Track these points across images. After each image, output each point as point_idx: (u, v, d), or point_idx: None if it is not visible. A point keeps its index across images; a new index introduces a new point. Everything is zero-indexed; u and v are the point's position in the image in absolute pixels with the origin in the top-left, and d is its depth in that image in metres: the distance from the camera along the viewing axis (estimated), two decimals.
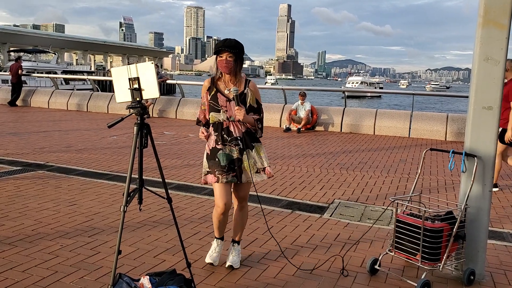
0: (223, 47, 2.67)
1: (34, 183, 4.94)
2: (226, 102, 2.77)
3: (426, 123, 9.70)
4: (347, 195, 4.90)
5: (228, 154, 2.77)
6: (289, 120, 10.18)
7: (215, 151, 2.79)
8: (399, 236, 2.89)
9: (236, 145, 2.77)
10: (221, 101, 2.78)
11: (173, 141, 8.06)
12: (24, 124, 9.69)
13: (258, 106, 2.83)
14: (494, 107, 2.83)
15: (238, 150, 2.77)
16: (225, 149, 2.78)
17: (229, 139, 2.77)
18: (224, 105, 2.77)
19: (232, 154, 2.78)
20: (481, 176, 2.88)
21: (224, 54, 2.69)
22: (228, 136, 2.77)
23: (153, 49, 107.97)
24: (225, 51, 2.68)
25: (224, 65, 2.70)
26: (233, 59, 2.71)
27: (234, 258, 2.98)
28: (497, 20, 2.75)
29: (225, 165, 2.77)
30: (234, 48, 2.68)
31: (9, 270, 2.80)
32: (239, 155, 2.78)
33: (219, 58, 2.72)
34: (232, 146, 2.77)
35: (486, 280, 2.93)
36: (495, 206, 4.59)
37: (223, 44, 2.69)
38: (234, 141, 2.77)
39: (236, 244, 3.03)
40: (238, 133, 2.77)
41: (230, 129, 2.77)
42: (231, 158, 2.78)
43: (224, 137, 2.77)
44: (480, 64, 2.83)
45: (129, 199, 2.33)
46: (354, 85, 61.11)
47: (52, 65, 35.94)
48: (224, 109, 2.77)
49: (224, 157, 2.77)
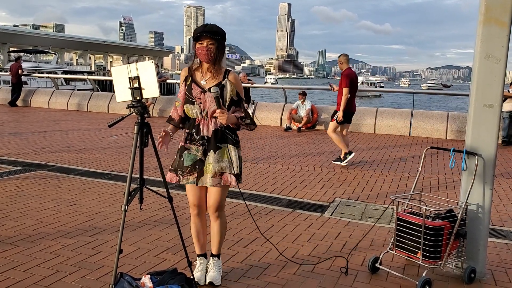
0: (203, 33, 2.40)
1: (35, 183, 4.94)
2: (200, 94, 2.49)
3: (426, 122, 9.69)
4: (348, 194, 4.90)
5: (193, 154, 2.55)
6: (290, 119, 10.18)
7: (182, 150, 2.59)
8: (400, 235, 2.89)
9: (201, 145, 2.53)
10: (195, 92, 2.50)
11: (174, 141, 8.05)
12: (25, 124, 9.70)
13: (238, 98, 2.55)
14: (495, 105, 2.83)
15: (202, 150, 2.52)
16: (191, 149, 2.56)
17: (197, 137, 2.54)
18: (198, 96, 2.50)
19: (197, 153, 2.54)
20: (482, 174, 2.88)
21: (205, 41, 2.42)
22: (196, 134, 2.54)
23: (153, 49, 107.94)
24: (206, 37, 2.41)
25: (204, 53, 2.43)
26: (214, 47, 2.43)
27: (214, 274, 2.67)
28: (498, 17, 2.74)
29: (187, 166, 2.54)
30: (215, 34, 2.42)
31: (11, 270, 2.80)
32: (203, 156, 2.53)
33: (199, 44, 2.43)
34: (198, 145, 2.53)
35: (487, 278, 2.93)
36: (495, 204, 4.58)
37: (204, 29, 2.42)
38: (200, 141, 2.53)
39: (216, 258, 2.72)
40: (206, 132, 2.52)
41: (200, 126, 2.53)
42: (195, 159, 2.54)
43: (193, 135, 2.55)
44: (481, 62, 2.82)
45: (129, 198, 2.33)
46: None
47: (52, 65, 35.96)
48: (198, 101, 2.50)
49: (188, 157, 2.55)
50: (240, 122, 2.54)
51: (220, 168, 2.52)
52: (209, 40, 2.42)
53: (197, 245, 2.75)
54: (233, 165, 2.53)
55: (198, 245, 2.74)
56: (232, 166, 2.53)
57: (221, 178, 2.53)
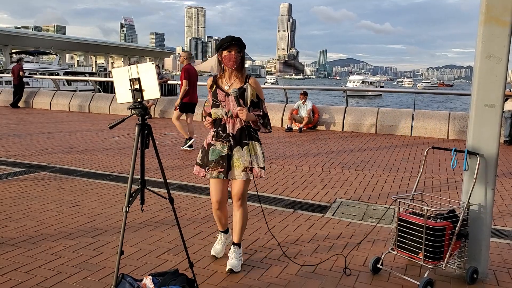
0: (232, 42, 2.73)
1: (37, 184, 4.95)
2: (225, 97, 2.81)
3: (428, 122, 9.67)
4: (349, 194, 4.89)
5: (218, 150, 2.82)
6: (291, 120, 10.18)
7: (209, 146, 2.87)
8: (402, 235, 2.89)
9: (227, 141, 2.80)
10: (220, 96, 2.82)
11: (175, 142, 8.07)
12: (26, 126, 9.72)
13: (258, 100, 2.85)
14: (497, 105, 2.82)
15: (228, 146, 2.80)
16: (217, 145, 2.83)
17: (223, 135, 2.82)
18: (223, 100, 2.81)
19: (223, 150, 2.81)
20: (483, 174, 2.87)
21: (233, 49, 2.75)
22: (223, 132, 2.82)
23: (154, 50, 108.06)
24: (235, 46, 2.74)
25: (233, 60, 2.75)
26: (240, 55, 2.78)
27: (234, 262, 2.90)
28: (499, 17, 2.74)
29: (212, 161, 2.82)
30: (241, 44, 2.77)
31: (13, 271, 2.81)
32: (229, 151, 2.80)
33: (227, 53, 2.76)
34: (224, 142, 2.81)
35: (489, 278, 2.92)
36: (498, 204, 4.57)
37: (232, 39, 2.75)
38: (226, 137, 2.81)
39: (237, 247, 2.96)
40: (232, 130, 2.81)
41: (226, 125, 2.82)
42: (221, 154, 2.81)
43: (219, 133, 2.83)
44: (482, 61, 2.82)
45: (131, 199, 2.33)
46: (356, 84, 60.95)
47: (54, 66, 36.05)
48: (223, 104, 2.81)
49: (213, 152, 2.83)
50: (257, 119, 2.82)
51: (249, 163, 2.81)
52: (237, 48, 2.76)
53: (219, 225, 3.08)
54: (259, 159, 2.84)
55: (220, 224, 3.07)
56: (258, 160, 2.84)
57: (251, 172, 2.82)
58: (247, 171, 2.81)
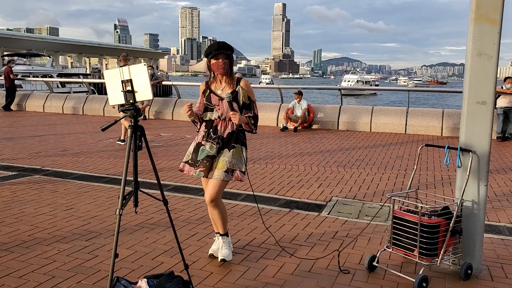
0: (218, 50, 2.80)
1: (30, 188, 4.91)
2: (218, 101, 2.90)
3: (422, 119, 9.72)
4: (345, 193, 4.91)
5: (207, 150, 2.90)
6: (286, 119, 10.18)
7: (199, 145, 2.94)
8: (397, 233, 2.90)
9: (217, 143, 2.89)
10: (214, 100, 2.91)
11: (170, 143, 8.05)
12: (19, 129, 9.64)
13: (250, 102, 2.93)
14: (488, 102, 2.84)
15: (217, 148, 2.89)
16: (206, 146, 2.91)
17: (214, 136, 2.90)
18: (216, 103, 2.90)
19: (211, 151, 2.89)
20: (476, 171, 2.89)
21: (220, 57, 2.83)
22: (214, 134, 2.90)
23: (148, 51, 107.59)
24: (221, 53, 2.82)
25: (221, 67, 2.84)
26: (228, 61, 2.86)
27: (225, 251, 3.03)
28: (488, 15, 2.75)
29: (199, 160, 2.90)
30: (228, 50, 2.84)
31: (6, 276, 2.78)
32: (216, 153, 2.89)
33: (214, 60, 2.84)
34: (213, 143, 2.89)
35: (484, 273, 2.94)
36: (491, 200, 4.61)
37: (218, 47, 2.81)
38: (216, 139, 2.89)
39: (225, 236, 3.07)
40: (222, 132, 2.89)
41: (217, 127, 2.90)
42: (208, 154, 2.89)
43: (210, 134, 2.91)
44: (473, 59, 2.84)
45: (124, 202, 2.32)
46: (350, 83, 61.09)
47: (47, 68, 35.77)
48: (217, 107, 2.90)
49: (202, 152, 2.91)
50: (248, 121, 2.89)
51: (233, 165, 2.88)
52: (223, 55, 2.84)
53: (214, 226, 3.13)
54: (242, 163, 2.92)
55: (215, 226, 3.11)
56: (241, 164, 2.91)
57: (233, 174, 2.88)
58: (228, 172, 2.87)
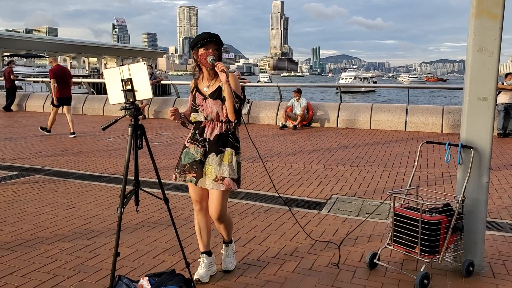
0: (210, 38, 2.51)
1: (32, 187, 4.91)
2: (202, 101, 2.61)
3: (422, 116, 9.72)
4: (345, 190, 4.91)
5: (191, 153, 2.62)
6: (285, 117, 10.18)
7: (183, 148, 2.68)
8: (398, 230, 2.90)
9: (202, 147, 2.60)
10: (198, 100, 2.63)
11: (170, 142, 8.04)
12: (20, 129, 9.64)
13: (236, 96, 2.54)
14: (489, 98, 2.84)
15: (203, 151, 2.59)
16: (191, 148, 2.63)
17: (200, 139, 2.61)
18: (200, 104, 2.62)
19: (196, 154, 2.60)
20: (477, 168, 2.89)
21: (211, 47, 2.53)
22: (200, 136, 2.62)
23: (147, 50, 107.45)
24: (212, 42, 2.52)
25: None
26: (218, 52, 2.55)
27: (228, 260, 2.87)
28: (490, 10, 2.75)
29: (185, 164, 2.62)
30: (219, 41, 2.56)
31: (9, 275, 2.79)
32: (203, 157, 2.59)
33: (204, 50, 2.51)
34: (199, 146, 2.60)
35: (485, 270, 2.94)
36: (492, 197, 4.61)
37: (210, 35, 2.52)
38: (202, 142, 2.60)
39: (229, 243, 2.87)
40: (209, 135, 2.59)
41: (205, 129, 2.61)
42: (194, 159, 2.60)
43: (196, 135, 2.63)
44: (474, 55, 2.83)
45: (125, 201, 2.32)
46: (348, 81, 61.07)
47: (47, 69, 35.76)
48: (201, 108, 2.62)
49: (186, 155, 2.63)
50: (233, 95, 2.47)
51: (221, 172, 2.56)
52: (215, 45, 2.54)
53: (200, 242, 2.80)
54: (232, 170, 2.59)
55: (201, 242, 2.79)
56: (231, 171, 2.58)
57: (223, 182, 2.56)
58: (218, 181, 2.56)
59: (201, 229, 2.76)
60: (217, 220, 2.67)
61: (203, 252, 2.78)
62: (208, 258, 2.78)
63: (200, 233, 2.76)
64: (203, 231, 2.76)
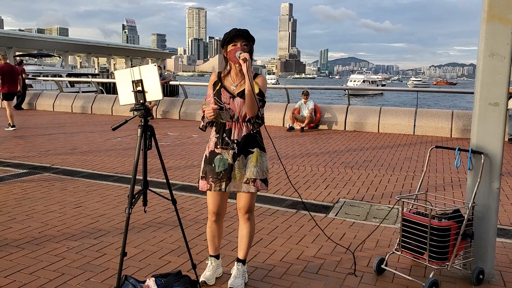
0: (237, 33, 2.38)
1: (40, 185, 4.96)
2: (229, 99, 2.48)
3: (431, 120, 9.63)
4: (352, 194, 4.87)
5: (225, 159, 2.51)
6: (292, 119, 10.16)
7: (213, 155, 2.54)
8: (406, 235, 2.87)
9: (232, 149, 2.50)
10: (224, 98, 2.48)
11: (177, 142, 8.07)
12: (30, 127, 9.75)
13: (261, 95, 2.48)
14: (500, 103, 2.80)
15: (232, 154, 2.50)
16: (224, 154, 2.51)
17: (229, 142, 2.50)
18: (227, 102, 2.48)
19: (229, 159, 2.51)
20: (488, 173, 2.85)
21: (239, 42, 2.39)
22: (229, 138, 2.50)
23: (156, 51, 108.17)
24: (240, 38, 2.39)
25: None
26: (247, 48, 2.41)
27: (238, 281, 2.63)
28: (501, 15, 2.71)
29: (220, 172, 2.51)
30: (249, 36, 2.42)
31: (17, 273, 2.81)
32: (232, 160, 2.50)
33: (232, 47, 2.39)
34: (229, 149, 2.51)
35: (496, 279, 2.90)
36: (503, 203, 4.54)
37: (237, 30, 2.40)
38: (231, 144, 2.51)
39: (241, 263, 2.69)
40: (237, 136, 2.50)
41: (232, 131, 2.50)
42: (228, 164, 2.51)
43: (225, 139, 2.51)
44: (485, 60, 2.80)
45: (133, 201, 2.33)
46: (356, 83, 60.85)
47: (57, 68, 36.18)
48: (227, 106, 2.47)
49: (220, 162, 2.51)
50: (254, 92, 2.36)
51: (252, 173, 2.51)
52: (243, 41, 2.41)
53: (211, 247, 2.76)
54: (263, 171, 2.55)
55: (212, 247, 2.76)
56: (263, 172, 2.55)
57: (254, 184, 2.52)
58: (249, 183, 2.51)
59: (214, 236, 2.73)
60: (244, 215, 2.61)
61: (213, 256, 2.77)
62: (216, 261, 2.78)
63: (213, 239, 2.73)
64: (216, 237, 2.73)
